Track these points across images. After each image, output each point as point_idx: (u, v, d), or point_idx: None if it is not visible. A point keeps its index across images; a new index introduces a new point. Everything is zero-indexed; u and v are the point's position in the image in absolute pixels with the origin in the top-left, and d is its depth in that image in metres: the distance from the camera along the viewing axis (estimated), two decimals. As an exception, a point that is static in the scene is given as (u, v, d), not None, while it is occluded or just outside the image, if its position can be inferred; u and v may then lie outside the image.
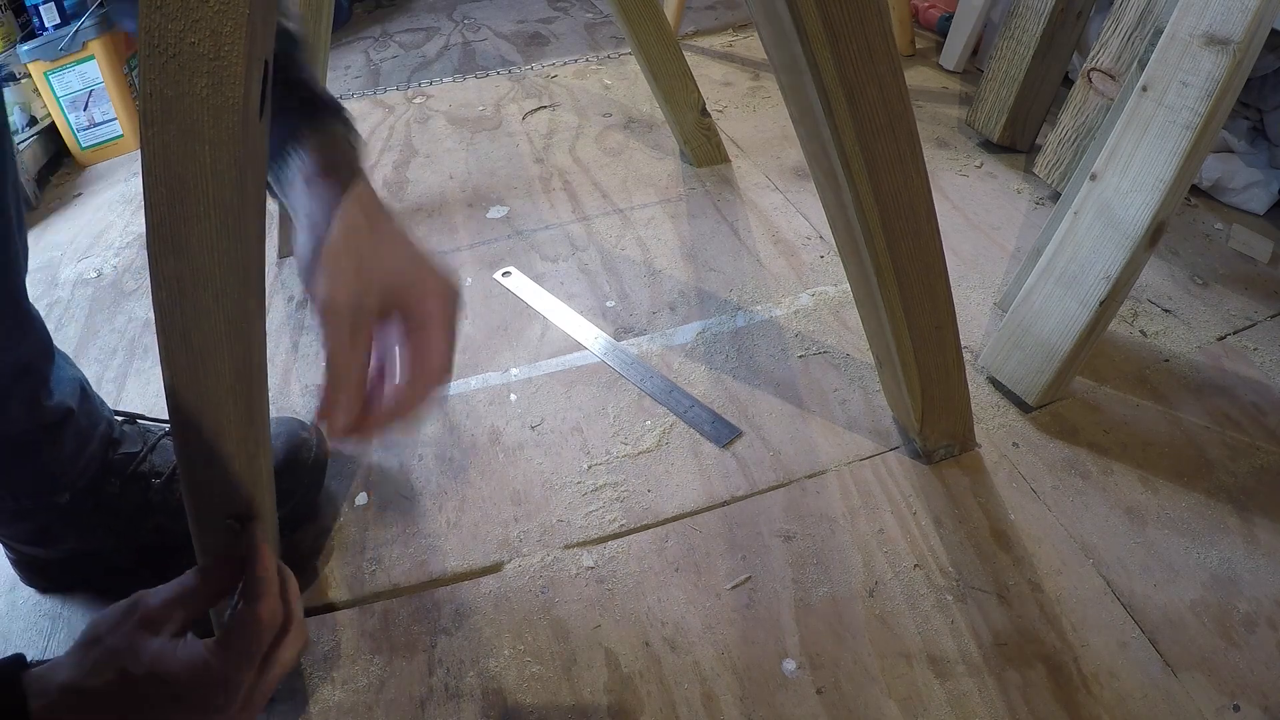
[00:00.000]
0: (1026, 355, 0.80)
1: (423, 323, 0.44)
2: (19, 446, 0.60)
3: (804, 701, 0.60)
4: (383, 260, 0.44)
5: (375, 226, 0.45)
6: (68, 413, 0.62)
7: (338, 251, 0.43)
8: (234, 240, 0.38)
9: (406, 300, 0.44)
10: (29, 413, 0.59)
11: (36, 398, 0.59)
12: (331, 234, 0.44)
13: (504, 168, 1.28)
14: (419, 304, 0.44)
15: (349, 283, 0.42)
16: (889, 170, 0.55)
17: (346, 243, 0.43)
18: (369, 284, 0.43)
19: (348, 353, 0.41)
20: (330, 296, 0.42)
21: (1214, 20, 0.66)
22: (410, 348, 0.44)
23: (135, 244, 1.16)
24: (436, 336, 0.44)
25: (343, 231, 0.44)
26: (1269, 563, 0.67)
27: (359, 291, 0.42)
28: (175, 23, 0.33)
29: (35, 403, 0.59)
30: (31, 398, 0.59)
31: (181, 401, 0.42)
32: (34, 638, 0.66)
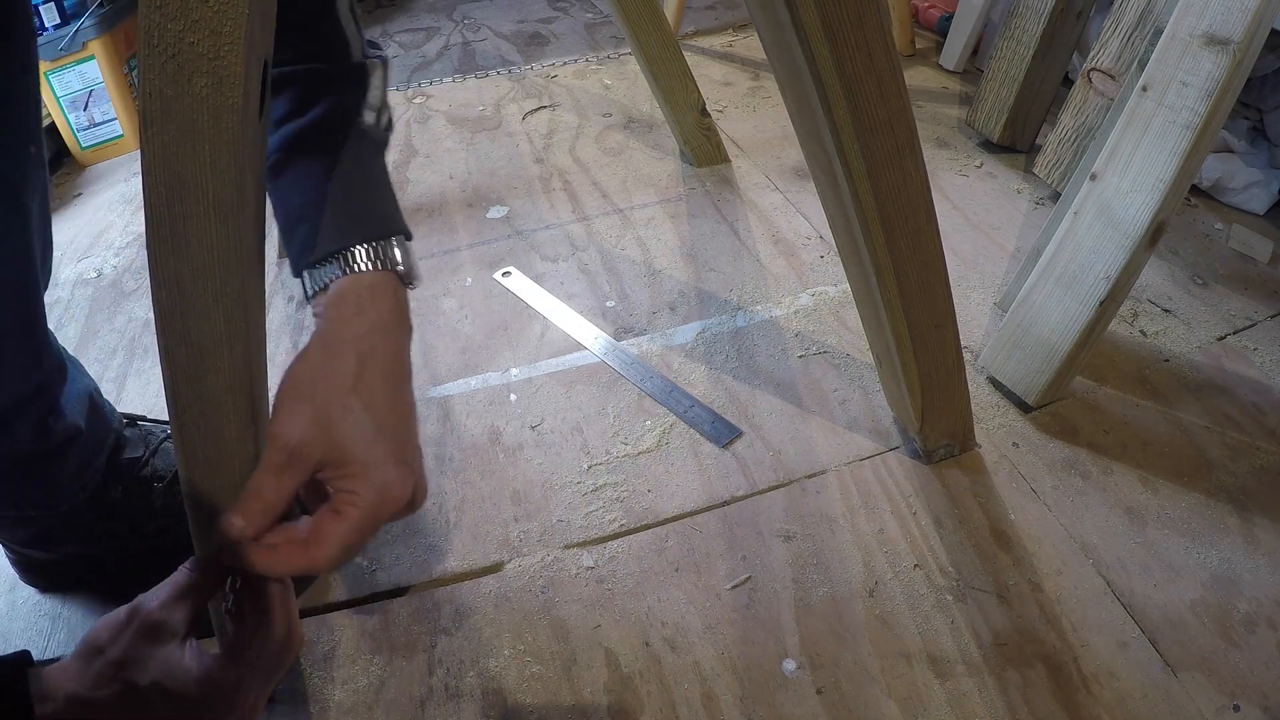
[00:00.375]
0: (1026, 355, 0.80)
1: (337, 509, 0.40)
2: (24, 464, 0.59)
3: (804, 701, 0.60)
4: (343, 427, 0.41)
5: (360, 382, 0.42)
6: (76, 433, 0.61)
7: (303, 390, 0.41)
8: (234, 240, 0.38)
9: (338, 479, 0.41)
10: (37, 435, 0.58)
11: (45, 421, 0.58)
12: (310, 366, 0.42)
13: (504, 168, 1.28)
14: (347, 491, 0.40)
15: (299, 426, 0.40)
16: (888, 168, 0.55)
17: (317, 386, 0.41)
18: (315, 441, 0.40)
19: (272, 479, 0.40)
20: (275, 431, 0.41)
21: (1214, 20, 0.66)
22: (313, 524, 0.41)
23: (135, 244, 1.16)
24: (334, 531, 0.40)
25: (321, 373, 0.42)
26: (1269, 563, 0.67)
27: (304, 440, 0.40)
28: (175, 22, 0.33)
29: (43, 426, 0.58)
30: (40, 421, 0.58)
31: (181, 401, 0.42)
32: (34, 638, 0.66)
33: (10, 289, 0.52)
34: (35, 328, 0.56)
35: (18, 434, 0.57)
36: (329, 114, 0.47)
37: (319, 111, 0.47)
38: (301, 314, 1.00)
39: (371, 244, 0.46)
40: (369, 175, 0.48)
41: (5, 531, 0.65)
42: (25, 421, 0.57)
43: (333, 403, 0.41)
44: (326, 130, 0.47)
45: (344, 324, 0.44)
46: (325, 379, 0.42)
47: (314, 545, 0.40)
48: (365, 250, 0.45)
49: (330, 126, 0.47)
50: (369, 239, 0.46)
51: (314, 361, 0.43)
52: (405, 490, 0.41)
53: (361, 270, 0.45)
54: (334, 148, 0.47)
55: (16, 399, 0.55)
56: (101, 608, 0.68)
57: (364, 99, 0.49)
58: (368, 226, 0.46)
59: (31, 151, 0.50)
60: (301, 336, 0.97)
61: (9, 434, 0.56)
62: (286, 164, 0.47)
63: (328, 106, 0.47)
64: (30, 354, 0.56)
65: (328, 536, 0.40)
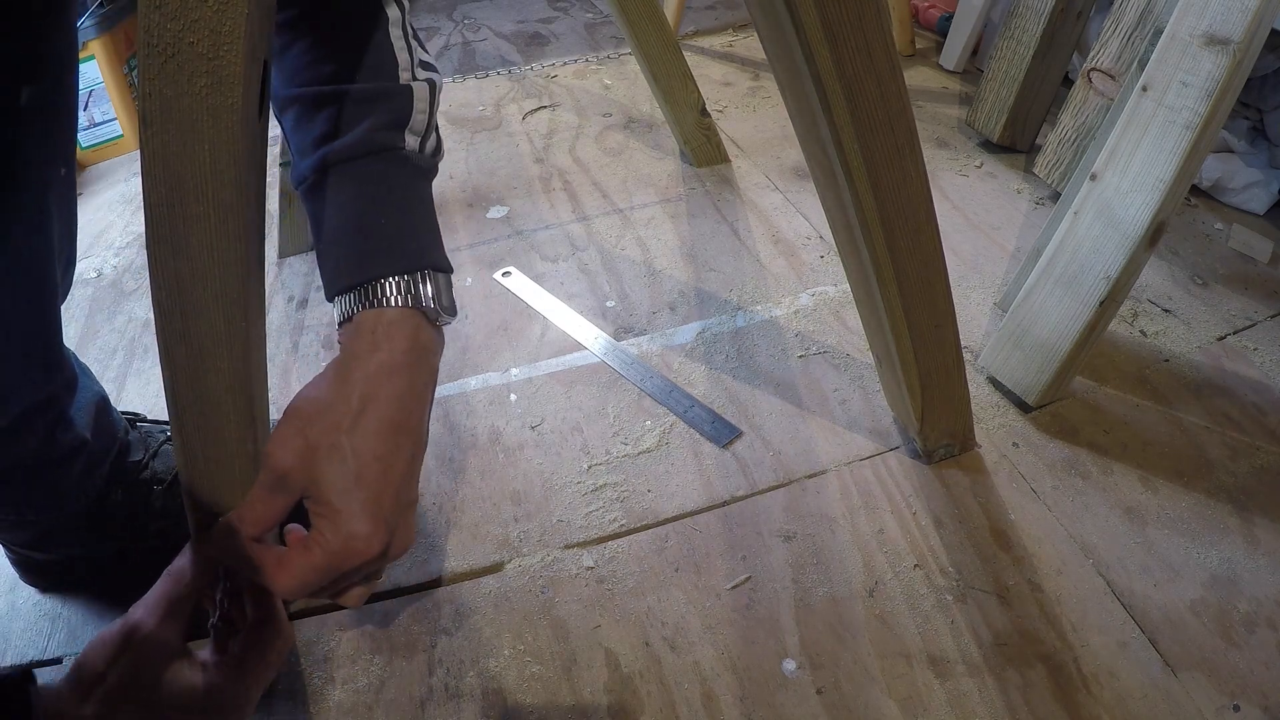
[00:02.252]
0: (1026, 355, 0.80)
1: (308, 545, 0.40)
2: (29, 473, 0.59)
3: (804, 701, 0.60)
4: (325, 468, 0.40)
5: (357, 425, 0.41)
6: (82, 443, 0.61)
7: (302, 419, 0.41)
8: (233, 240, 0.38)
9: (315, 515, 0.41)
10: (44, 446, 0.58)
11: (53, 432, 0.58)
12: (315, 396, 0.42)
13: (504, 168, 1.28)
14: (318, 530, 0.40)
15: (288, 455, 0.40)
16: (887, 168, 0.55)
17: (314, 420, 0.41)
18: (300, 473, 0.40)
19: (264, 496, 0.41)
20: (268, 451, 0.41)
21: (1214, 20, 0.66)
22: (287, 550, 0.41)
23: (135, 244, 1.16)
24: (297, 563, 0.40)
25: (323, 407, 0.41)
26: (1269, 563, 0.67)
27: (291, 469, 0.40)
28: (174, 22, 0.33)
29: (51, 437, 0.58)
30: (48, 432, 0.58)
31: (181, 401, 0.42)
32: (34, 638, 0.66)
33: (29, 304, 0.52)
34: (52, 342, 0.56)
35: (25, 444, 0.57)
36: (366, 137, 0.46)
37: (356, 134, 0.46)
38: (302, 314, 1.00)
39: (399, 277, 0.44)
40: (404, 203, 0.47)
41: (5, 533, 0.65)
42: (33, 432, 0.57)
43: (323, 441, 0.41)
44: (362, 153, 0.46)
45: (356, 360, 0.43)
46: (324, 414, 0.41)
47: (279, 569, 0.40)
48: (392, 284, 0.44)
49: (366, 150, 0.46)
50: (396, 272, 0.44)
51: (320, 392, 0.42)
52: (371, 547, 0.40)
53: (385, 304, 0.44)
54: (369, 172, 0.46)
55: (26, 409, 0.55)
56: (101, 608, 0.68)
57: (406, 123, 0.48)
58: (395, 259, 0.45)
59: (62, 173, 0.50)
60: (302, 337, 0.97)
61: (17, 444, 0.56)
62: (322, 185, 0.46)
63: (366, 129, 0.46)
64: (44, 367, 0.56)
65: (291, 566, 0.40)
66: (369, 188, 0.46)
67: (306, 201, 0.47)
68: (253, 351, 0.43)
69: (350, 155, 0.46)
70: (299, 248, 1.11)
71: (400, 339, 0.44)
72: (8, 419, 0.54)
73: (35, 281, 0.51)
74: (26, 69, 0.43)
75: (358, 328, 0.44)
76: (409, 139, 0.48)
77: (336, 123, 0.46)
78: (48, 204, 0.49)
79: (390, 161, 0.47)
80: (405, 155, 0.47)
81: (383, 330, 0.44)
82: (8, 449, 0.56)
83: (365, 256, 0.44)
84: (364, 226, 0.45)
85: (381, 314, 0.44)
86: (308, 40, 0.47)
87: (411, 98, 0.48)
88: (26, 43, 0.43)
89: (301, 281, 1.06)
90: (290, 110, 0.48)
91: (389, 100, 0.47)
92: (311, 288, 1.05)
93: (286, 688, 0.62)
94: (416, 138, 0.49)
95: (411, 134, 0.48)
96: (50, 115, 0.46)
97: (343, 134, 0.46)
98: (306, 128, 0.46)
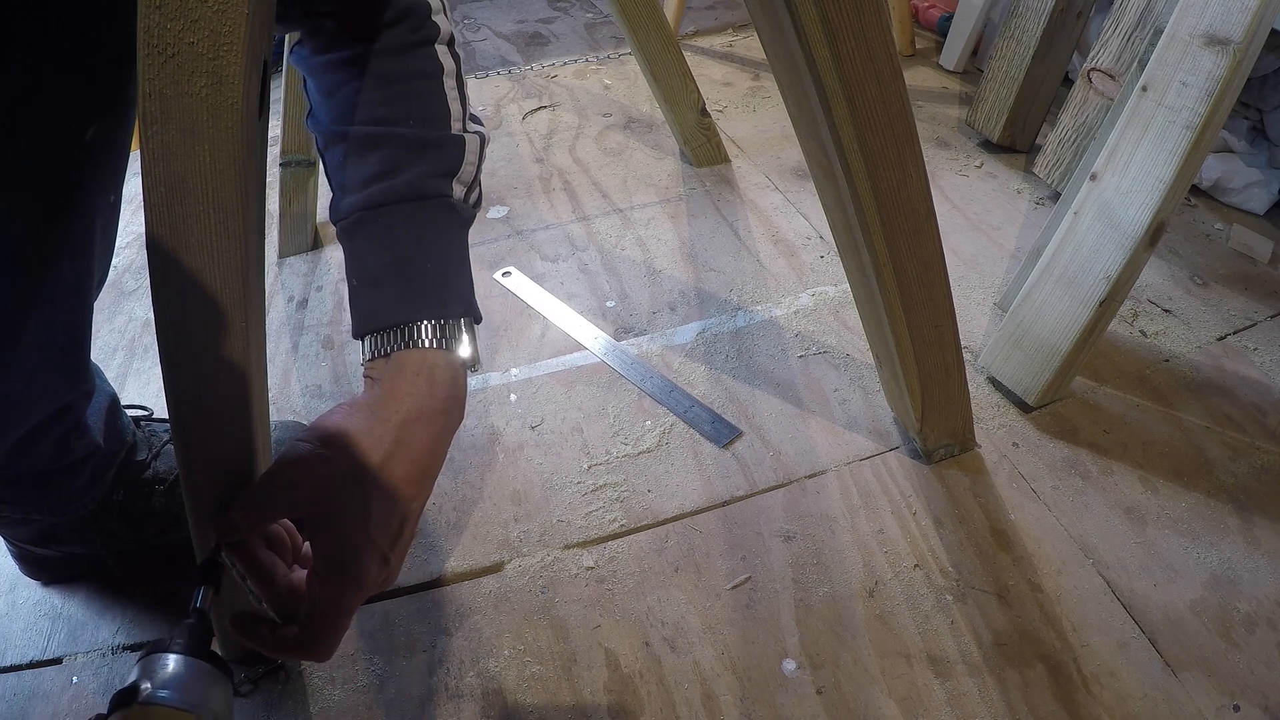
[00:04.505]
0: (1026, 355, 0.80)
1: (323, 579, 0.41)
2: (41, 478, 0.60)
3: (804, 701, 0.60)
4: (348, 499, 0.40)
5: (387, 464, 0.41)
6: (94, 449, 0.62)
7: (334, 443, 0.41)
8: (233, 240, 0.38)
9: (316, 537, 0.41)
10: (57, 453, 0.59)
11: (68, 439, 0.59)
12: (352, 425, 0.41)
13: (504, 168, 1.28)
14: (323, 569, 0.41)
15: (307, 475, 0.41)
16: (887, 168, 0.55)
17: (346, 447, 0.41)
18: (311, 492, 0.40)
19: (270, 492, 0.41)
20: (288, 458, 0.41)
21: (1214, 20, 0.66)
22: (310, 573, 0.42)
23: (135, 244, 1.15)
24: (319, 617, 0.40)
25: (358, 437, 0.41)
26: (1269, 563, 0.67)
27: (306, 483, 0.40)
28: (174, 22, 0.33)
29: (66, 444, 0.59)
30: (63, 439, 0.58)
31: (181, 402, 0.42)
32: (34, 638, 0.66)
33: (65, 323, 0.53)
34: (81, 357, 0.57)
35: (41, 452, 0.57)
36: (418, 183, 0.46)
37: (407, 178, 0.46)
38: (302, 314, 1.00)
39: (437, 322, 0.45)
40: (447, 250, 0.47)
41: (8, 529, 0.65)
42: (49, 440, 0.57)
43: (348, 470, 0.41)
44: (412, 197, 0.46)
45: (397, 400, 0.43)
46: (354, 445, 0.41)
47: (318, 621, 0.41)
48: (431, 327, 0.44)
49: (417, 195, 0.46)
50: (435, 317, 0.45)
51: (353, 423, 0.42)
52: (374, 586, 0.41)
53: (424, 346, 0.44)
54: (417, 217, 0.46)
55: (46, 417, 0.56)
56: (101, 607, 0.68)
57: (456, 173, 0.48)
58: (435, 305, 0.45)
59: (110, 200, 0.50)
60: (302, 337, 0.97)
61: (34, 452, 0.57)
62: (367, 223, 0.46)
63: (417, 174, 0.46)
64: (70, 381, 0.57)
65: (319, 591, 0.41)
66: (415, 231, 0.46)
67: (346, 237, 0.47)
68: (253, 352, 0.43)
69: (401, 198, 0.46)
70: (299, 248, 1.11)
71: (442, 384, 0.44)
72: (26, 427, 0.55)
73: (74, 303, 0.52)
74: (100, 108, 0.44)
75: (400, 367, 0.44)
76: (456, 188, 0.48)
77: (388, 165, 0.46)
78: (94, 231, 0.50)
79: (438, 209, 0.47)
80: (452, 204, 0.48)
81: (426, 373, 0.44)
82: (23, 456, 0.57)
83: (406, 298, 0.45)
84: (407, 269, 0.45)
85: (425, 355, 0.44)
86: (363, 81, 0.47)
87: (464, 148, 0.49)
88: (104, 85, 0.43)
89: (301, 282, 1.06)
90: (338, 146, 0.47)
91: (441, 149, 0.48)
92: (311, 288, 1.05)
93: (287, 687, 0.62)
94: (463, 188, 0.49)
95: (459, 184, 0.48)
96: (110, 150, 0.47)
97: (394, 176, 0.46)
98: (356, 165, 0.46)
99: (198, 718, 0.36)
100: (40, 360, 0.52)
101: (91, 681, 0.63)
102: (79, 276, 0.51)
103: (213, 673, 0.38)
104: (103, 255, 0.53)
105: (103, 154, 0.46)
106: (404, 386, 0.43)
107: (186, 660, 0.38)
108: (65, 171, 0.45)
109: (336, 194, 0.48)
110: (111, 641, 0.65)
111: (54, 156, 0.44)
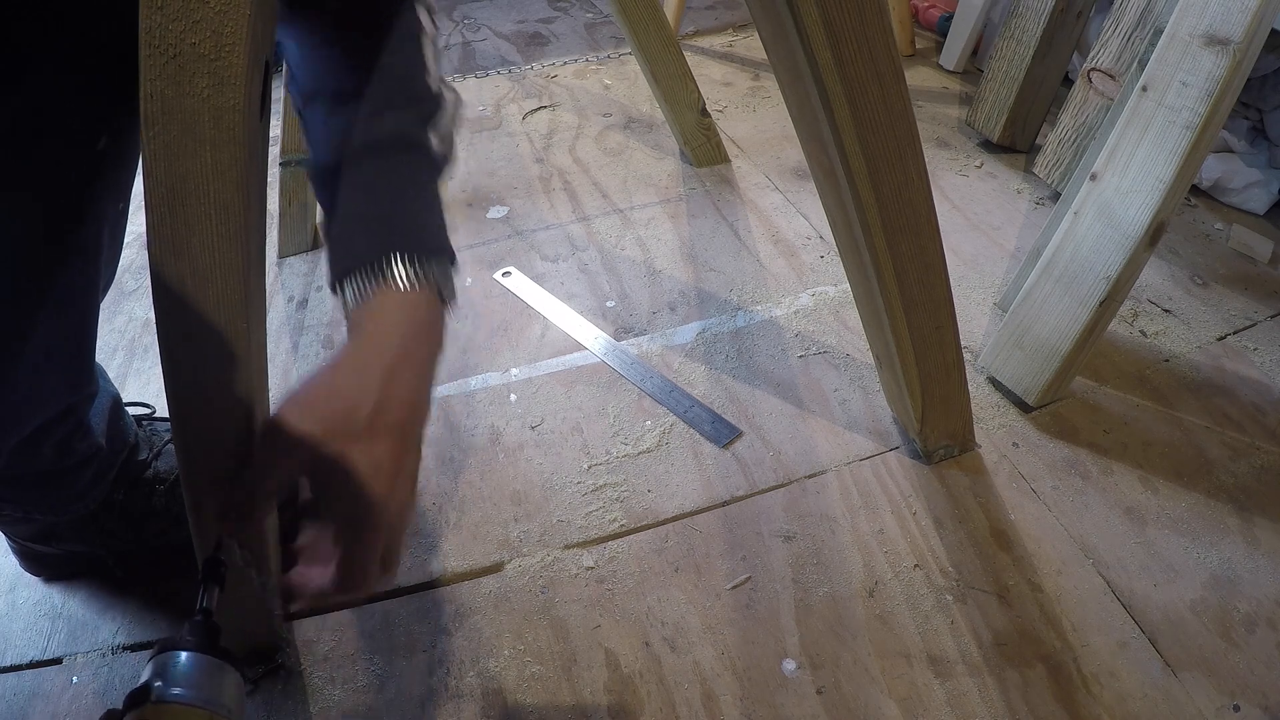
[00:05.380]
0: (1026, 355, 0.80)
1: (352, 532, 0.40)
2: (43, 479, 0.60)
3: (804, 701, 0.60)
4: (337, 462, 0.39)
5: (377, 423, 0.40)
6: (97, 450, 0.62)
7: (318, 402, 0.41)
8: (234, 240, 0.38)
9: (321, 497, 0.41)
10: (60, 454, 0.59)
11: (70, 440, 0.59)
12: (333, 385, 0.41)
13: (504, 168, 1.28)
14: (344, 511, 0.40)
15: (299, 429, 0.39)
16: (889, 169, 0.56)
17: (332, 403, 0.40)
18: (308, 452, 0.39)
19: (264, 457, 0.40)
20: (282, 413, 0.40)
21: (1214, 20, 0.66)
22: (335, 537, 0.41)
23: (135, 244, 1.15)
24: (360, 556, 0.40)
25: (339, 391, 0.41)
26: (1269, 563, 0.67)
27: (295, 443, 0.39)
28: (176, 23, 0.33)
29: (68, 445, 0.59)
30: (66, 440, 0.59)
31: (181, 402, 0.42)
32: (34, 637, 0.66)
33: (72, 328, 0.53)
34: (86, 360, 0.57)
35: (43, 453, 0.57)
36: (398, 130, 0.47)
37: (388, 125, 0.47)
38: (302, 314, 1.00)
39: (413, 257, 0.45)
40: (425, 197, 0.48)
41: (8, 527, 0.65)
42: (52, 441, 0.58)
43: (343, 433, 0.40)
44: (391, 144, 0.47)
45: (379, 348, 0.43)
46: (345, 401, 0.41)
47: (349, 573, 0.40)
48: (405, 262, 0.45)
49: (396, 142, 0.47)
50: (411, 253, 0.45)
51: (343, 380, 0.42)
52: (397, 518, 0.41)
53: (396, 282, 0.44)
54: (394, 162, 0.47)
55: (49, 419, 0.56)
56: (102, 606, 0.68)
57: (436, 124, 0.49)
58: (412, 242, 0.45)
59: (120, 207, 0.51)
60: (301, 337, 0.97)
61: (37, 453, 0.57)
62: (349, 167, 0.46)
63: (401, 121, 0.47)
64: (75, 384, 0.57)
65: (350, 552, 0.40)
66: (393, 177, 0.47)
67: (325, 184, 0.47)
68: (253, 351, 0.43)
69: (381, 144, 0.46)
70: (299, 248, 1.11)
71: (424, 324, 0.45)
72: (30, 428, 0.55)
73: (80, 307, 0.52)
74: (111, 118, 0.44)
75: (380, 310, 0.44)
76: (434, 139, 0.49)
77: (374, 111, 0.47)
78: (103, 237, 0.50)
79: (416, 156, 0.48)
80: (430, 153, 0.49)
81: (408, 311, 0.44)
82: (26, 457, 0.57)
83: (383, 237, 0.45)
84: (383, 212, 0.46)
85: (406, 297, 0.44)
86: (346, 44, 0.48)
87: (441, 102, 0.50)
88: (115, 95, 0.43)
89: (301, 281, 1.06)
90: (320, 101, 0.48)
91: (421, 101, 0.49)
92: (311, 288, 1.05)
93: (287, 686, 0.62)
94: (439, 140, 0.50)
95: (436, 135, 0.49)
96: (120, 158, 0.48)
97: (374, 124, 0.47)
98: (338, 118, 0.47)
99: (212, 714, 0.36)
100: (46, 363, 0.52)
101: (91, 681, 0.63)
102: (86, 281, 0.51)
103: (224, 668, 0.38)
104: (110, 260, 0.53)
105: (113, 163, 0.47)
106: (385, 330, 0.43)
107: (198, 657, 0.38)
108: (77, 181, 0.45)
109: (317, 145, 0.48)
110: (112, 641, 0.65)
111: (67, 166, 0.44)
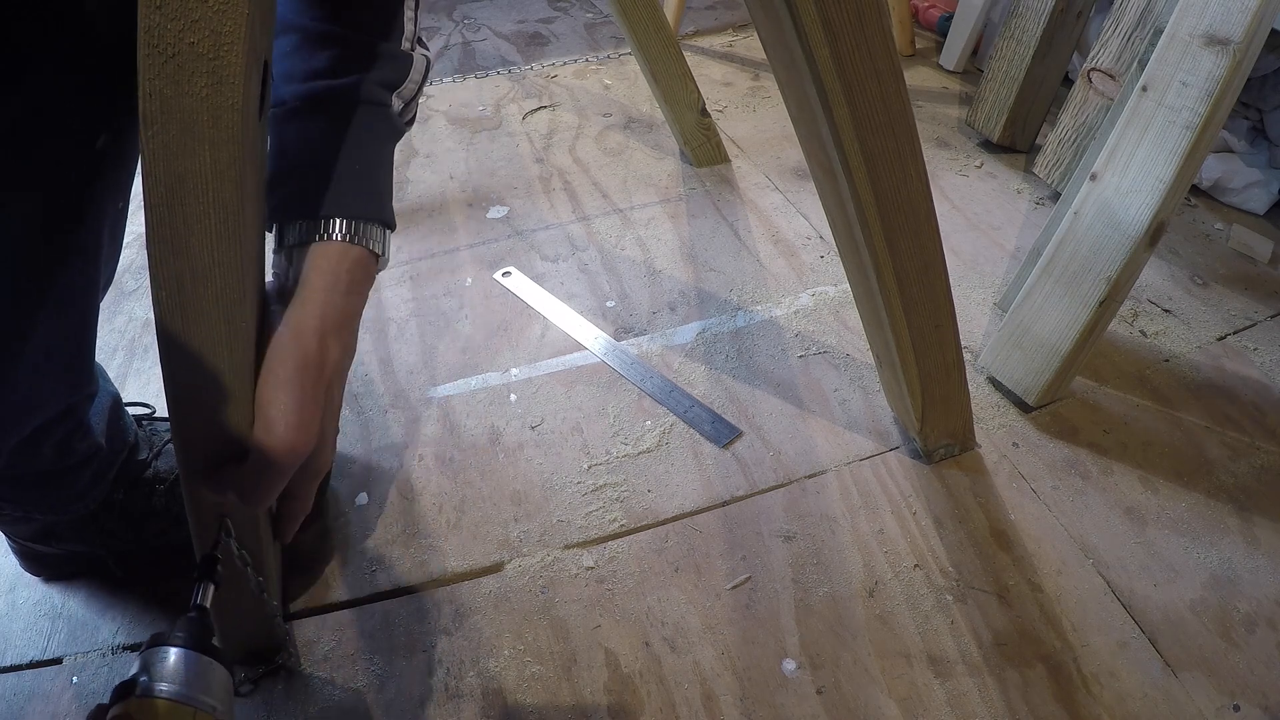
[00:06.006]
0: (1026, 355, 0.80)
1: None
2: (43, 479, 0.59)
3: (804, 701, 0.60)
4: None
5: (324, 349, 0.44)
6: (96, 450, 0.62)
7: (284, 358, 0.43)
8: (234, 240, 0.38)
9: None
10: (59, 455, 0.59)
11: (70, 440, 0.59)
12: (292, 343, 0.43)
13: (504, 168, 1.28)
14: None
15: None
16: (888, 168, 0.55)
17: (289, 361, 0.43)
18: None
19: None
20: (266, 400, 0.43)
21: (1214, 20, 0.66)
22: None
23: (135, 244, 1.15)
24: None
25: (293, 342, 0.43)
26: (1269, 563, 0.67)
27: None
28: (175, 22, 0.33)
29: (68, 445, 0.59)
30: (66, 440, 0.58)
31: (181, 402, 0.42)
32: (34, 637, 0.66)
33: (72, 327, 0.53)
34: (86, 359, 0.57)
35: (43, 454, 0.57)
36: (361, 85, 0.47)
37: (353, 79, 0.47)
38: (301, 314, 1.00)
39: (354, 221, 0.47)
40: (376, 156, 0.49)
41: (8, 526, 0.65)
42: (52, 441, 0.57)
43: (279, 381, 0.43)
44: (353, 100, 0.47)
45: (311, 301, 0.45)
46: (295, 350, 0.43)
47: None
48: (346, 224, 0.47)
49: (358, 98, 0.47)
50: (353, 216, 0.47)
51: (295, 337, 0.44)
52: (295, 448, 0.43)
53: (340, 237, 0.46)
54: (353, 118, 0.47)
55: (49, 419, 0.56)
56: (102, 606, 0.68)
57: (399, 85, 0.49)
58: (354, 204, 0.47)
59: (120, 206, 0.51)
60: (301, 336, 0.96)
61: (36, 453, 0.57)
62: (302, 115, 0.47)
63: (363, 78, 0.47)
64: (74, 383, 0.57)
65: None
66: (349, 132, 0.47)
67: (277, 125, 0.47)
68: (253, 352, 0.43)
69: (342, 98, 0.47)
70: (299, 248, 1.11)
71: (357, 280, 0.47)
72: (30, 429, 0.55)
73: (80, 307, 0.52)
74: (110, 117, 0.45)
75: (315, 260, 0.46)
76: (395, 100, 0.50)
77: (336, 63, 0.47)
78: (103, 236, 0.50)
79: (375, 115, 0.48)
80: (389, 114, 0.49)
81: (346, 265, 0.46)
82: (25, 457, 0.57)
83: (328, 193, 0.46)
84: (333, 166, 0.47)
85: (346, 250, 0.46)
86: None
87: (410, 66, 0.50)
88: (114, 94, 0.44)
89: (301, 281, 1.06)
90: (290, 36, 0.48)
91: (390, 61, 0.49)
92: (311, 288, 1.05)
93: (287, 686, 0.62)
94: (402, 103, 0.50)
95: (399, 98, 0.50)
96: (120, 157, 0.48)
97: (340, 75, 0.47)
98: (304, 57, 0.47)
99: (196, 711, 0.36)
100: (46, 363, 0.52)
101: (92, 681, 0.63)
102: (86, 281, 0.51)
103: (213, 666, 0.38)
104: (109, 259, 0.53)
105: (113, 162, 0.47)
106: (318, 282, 0.45)
107: (187, 654, 0.38)
108: (77, 180, 0.45)
109: (277, 81, 0.48)
110: (111, 641, 0.65)
111: (67, 166, 0.44)
